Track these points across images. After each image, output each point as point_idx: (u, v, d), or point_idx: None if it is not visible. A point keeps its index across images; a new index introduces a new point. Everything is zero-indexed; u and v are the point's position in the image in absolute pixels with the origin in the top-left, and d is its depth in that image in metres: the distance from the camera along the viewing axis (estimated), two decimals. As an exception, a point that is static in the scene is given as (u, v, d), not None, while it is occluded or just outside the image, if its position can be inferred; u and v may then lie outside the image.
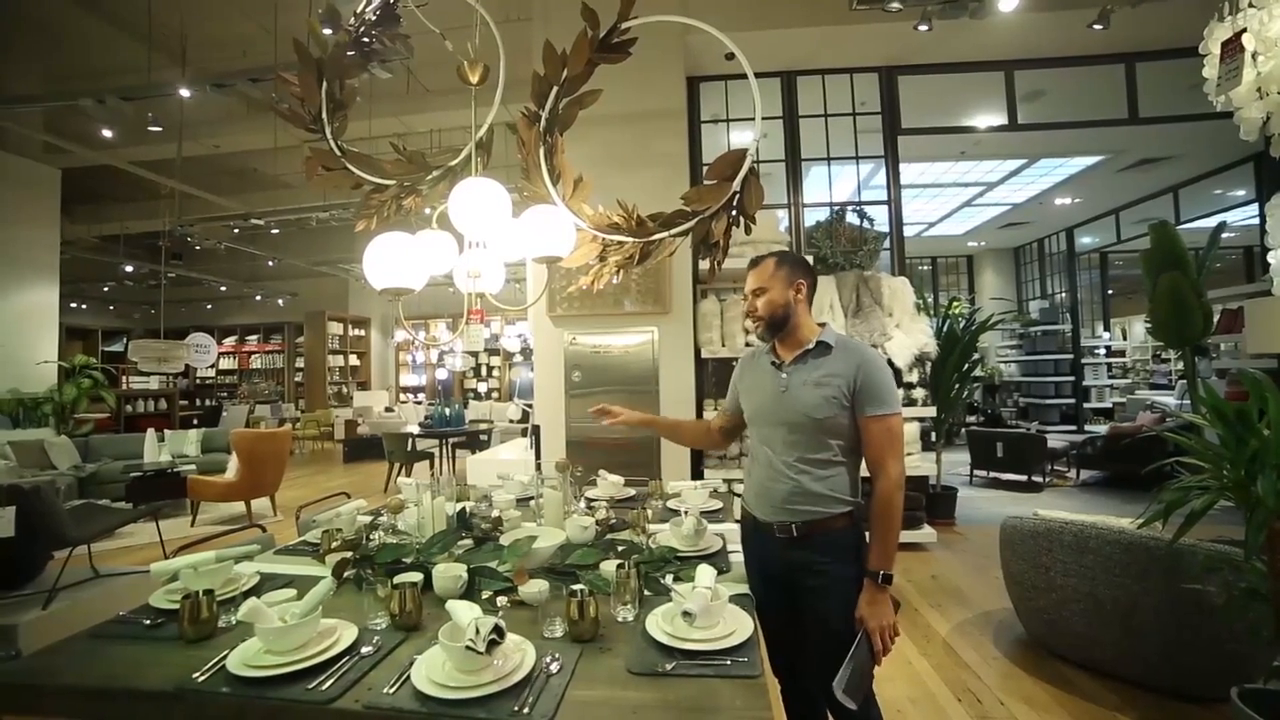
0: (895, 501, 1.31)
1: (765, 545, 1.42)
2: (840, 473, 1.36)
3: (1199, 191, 6.59)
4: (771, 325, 1.42)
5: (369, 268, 1.51)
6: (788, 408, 1.38)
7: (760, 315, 1.43)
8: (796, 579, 1.37)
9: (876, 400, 1.32)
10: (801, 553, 1.36)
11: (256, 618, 1.04)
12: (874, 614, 1.27)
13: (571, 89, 1.73)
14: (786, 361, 1.42)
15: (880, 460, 1.32)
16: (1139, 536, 1.98)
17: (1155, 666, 2.05)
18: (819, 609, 1.36)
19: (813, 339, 1.41)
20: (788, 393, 1.38)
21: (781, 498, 1.37)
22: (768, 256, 1.46)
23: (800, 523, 1.35)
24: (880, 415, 1.32)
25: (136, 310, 12.91)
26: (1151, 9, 3.37)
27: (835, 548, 1.35)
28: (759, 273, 1.44)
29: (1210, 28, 1.45)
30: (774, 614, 1.41)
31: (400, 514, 1.66)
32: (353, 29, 1.94)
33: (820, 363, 1.38)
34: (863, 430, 1.34)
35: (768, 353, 1.49)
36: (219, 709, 0.94)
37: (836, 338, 1.41)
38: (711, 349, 4.09)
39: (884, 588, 1.28)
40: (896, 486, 1.31)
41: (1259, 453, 1.40)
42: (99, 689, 0.97)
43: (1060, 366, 8.59)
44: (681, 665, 1.00)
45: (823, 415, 1.33)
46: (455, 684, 0.93)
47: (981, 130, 4.85)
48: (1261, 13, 1.27)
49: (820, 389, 1.34)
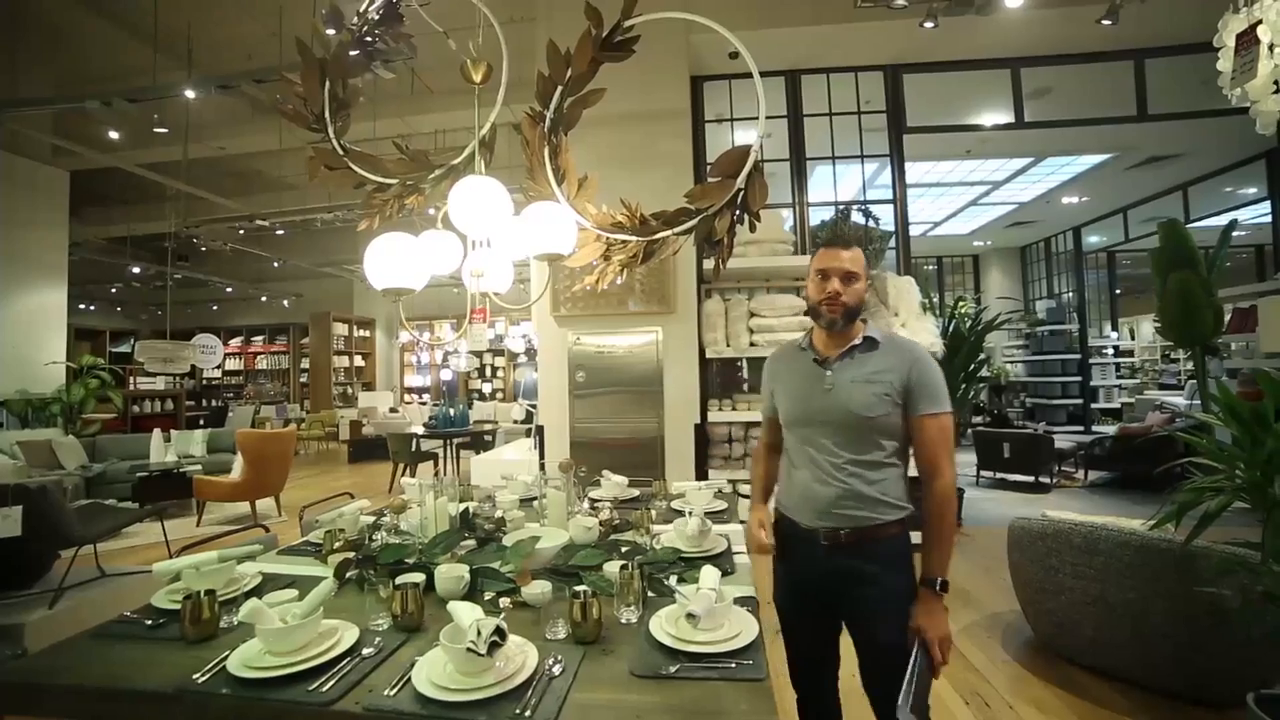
0: (952, 503, 1.26)
1: (808, 554, 1.32)
2: (892, 475, 1.30)
3: (1209, 189, 6.52)
4: (849, 316, 1.31)
5: (369, 268, 1.50)
6: (835, 407, 1.29)
7: (847, 303, 1.30)
8: (843, 589, 1.30)
9: (931, 398, 1.26)
10: (851, 561, 1.28)
11: (257, 619, 1.03)
12: (933, 624, 1.20)
13: (575, 88, 1.71)
14: (831, 358, 1.33)
15: (935, 460, 1.26)
16: (1151, 538, 1.95)
17: (1167, 671, 2.01)
18: (869, 621, 1.29)
19: (859, 334, 1.33)
20: (834, 391, 1.30)
21: (830, 502, 1.29)
22: (850, 241, 1.34)
23: (850, 529, 1.27)
24: (935, 414, 1.26)
25: (144, 311, 13.01)
26: (1161, 3, 3.34)
27: (888, 555, 1.28)
28: (855, 257, 1.31)
29: (1225, 19, 1.42)
30: (808, 626, 1.37)
31: (403, 514, 1.65)
32: (356, 28, 1.94)
33: (869, 359, 1.30)
34: (916, 430, 1.28)
35: (803, 348, 1.39)
36: (219, 710, 0.94)
37: (882, 334, 1.34)
38: (716, 349, 4.07)
39: (940, 595, 1.22)
40: (951, 487, 1.25)
41: (1275, 454, 1.37)
42: (100, 689, 0.97)
43: (1067, 366, 8.52)
44: (685, 668, 0.99)
45: (875, 414, 1.26)
46: (456, 686, 0.92)
47: (987, 128, 4.81)
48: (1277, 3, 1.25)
49: (871, 386, 1.27)
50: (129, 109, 4.54)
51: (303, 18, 4.74)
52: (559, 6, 3.87)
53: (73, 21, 5.17)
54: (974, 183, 7.09)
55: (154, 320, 13.04)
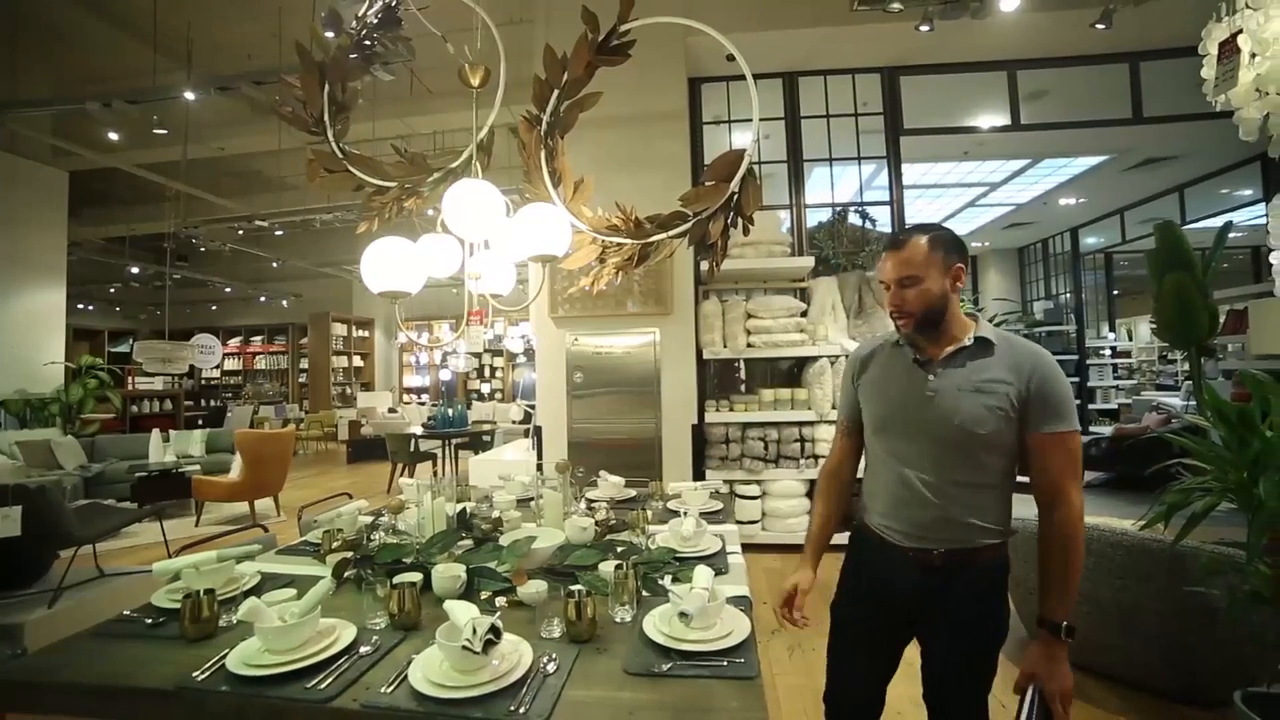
0: (1080, 536, 1.09)
1: (893, 567, 1.20)
2: (995, 499, 1.15)
3: (1205, 191, 6.55)
4: (925, 323, 1.15)
5: (367, 271, 1.52)
6: (938, 418, 1.13)
7: (911, 311, 1.15)
8: (925, 609, 1.18)
9: (1056, 415, 1.09)
10: (940, 581, 1.15)
11: (256, 617, 1.05)
12: (1054, 675, 1.04)
13: (572, 92, 1.73)
14: (936, 360, 1.17)
15: (1060, 486, 1.09)
16: (1141, 538, 1.97)
17: (1158, 670, 2.03)
18: (953, 648, 1.17)
19: (968, 334, 1.16)
20: (937, 399, 1.13)
21: (923, 524, 1.16)
22: (916, 234, 1.16)
23: (944, 551, 1.15)
24: (1061, 432, 1.09)
25: (142, 311, 13.01)
26: (1155, 7, 3.36)
27: (982, 581, 1.16)
28: (908, 257, 1.14)
29: (1208, 28, 1.44)
30: (878, 639, 1.25)
31: (400, 514, 1.66)
32: (355, 32, 1.96)
33: (981, 365, 1.13)
34: (1035, 449, 1.10)
35: (901, 344, 1.22)
36: (219, 707, 0.95)
37: (998, 334, 1.17)
38: (713, 350, 4.09)
39: (1065, 643, 1.06)
40: (1080, 518, 1.09)
41: (1261, 455, 1.39)
42: (99, 686, 0.98)
43: (1065, 367, 8.37)
44: (678, 666, 1.00)
45: (986, 430, 1.10)
46: (452, 684, 0.93)
47: (984, 131, 4.83)
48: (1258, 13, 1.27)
49: (982, 396, 1.10)
50: (129, 110, 4.55)
51: (302, 19, 4.75)
52: (557, 6, 3.89)
53: (71, 21, 5.18)
54: (972, 184, 7.11)
55: (153, 320, 13.03)
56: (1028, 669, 1.07)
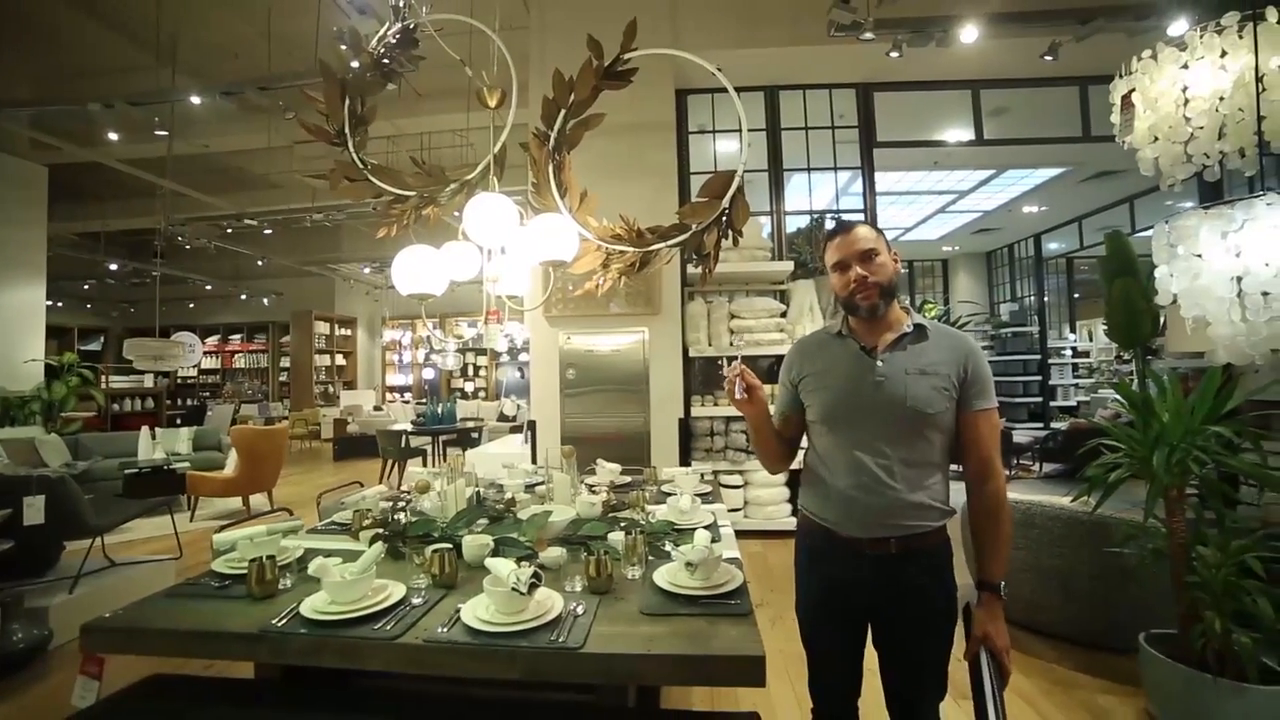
0: (1008, 504, 1.21)
1: (846, 564, 1.24)
2: (940, 478, 1.24)
3: (1152, 202, 7.01)
4: (887, 295, 1.23)
5: (397, 274, 1.70)
6: (888, 401, 1.19)
7: (879, 281, 1.21)
8: (882, 600, 1.23)
9: (985, 394, 1.21)
10: (896, 571, 1.21)
11: (324, 573, 1.22)
12: (999, 631, 1.15)
13: (578, 112, 1.93)
14: (879, 347, 1.24)
15: (990, 458, 1.21)
16: (1075, 511, 2.25)
17: (1088, 624, 2.34)
18: (915, 634, 1.23)
19: (905, 322, 1.25)
20: (887, 384, 1.20)
21: (881, 510, 1.20)
22: (854, 223, 1.27)
23: (899, 538, 1.20)
24: (989, 409, 1.21)
25: (114, 309, 12.71)
26: (1100, 39, 3.69)
27: (934, 564, 1.23)
28: (863, 234, 1.23)
29: (1114, 82, 1.70)
30: (838, 640, 1.29)
31: (425, 494, 1.84)
32: (375, 52, 2.12)
33: (920, 349, 1.22)
34: (968, 426, 1.21)
35: (844, 335, 1.29)
36: (299, 646, 1.12)
37: (929, 322, 1.27)
38: (699, 348, 4.31)
39: (1003, 600, 1.17)
40: (1006, 485, 1.22)
41: (1160, 434, 1.66)
42: (193, 631, 1.15)
43: (1028, 366, 9.02)
44: (685, 606, 1.21)
45: (935, 410, 1.18)
46: (500, 621, 1.12)
47: (951, 144, 5.16)
48: (1144, 77, 1.52)
49: (928, 378, 1.19)
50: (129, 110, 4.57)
51: (291, 20, 4.82)
52: (550, 7, 4.07)
53: (56, 17, 5.14)
54: (941, 191, 7.48)
55: (126, 318, 12.75)
56: (979, 631, 1.16)
